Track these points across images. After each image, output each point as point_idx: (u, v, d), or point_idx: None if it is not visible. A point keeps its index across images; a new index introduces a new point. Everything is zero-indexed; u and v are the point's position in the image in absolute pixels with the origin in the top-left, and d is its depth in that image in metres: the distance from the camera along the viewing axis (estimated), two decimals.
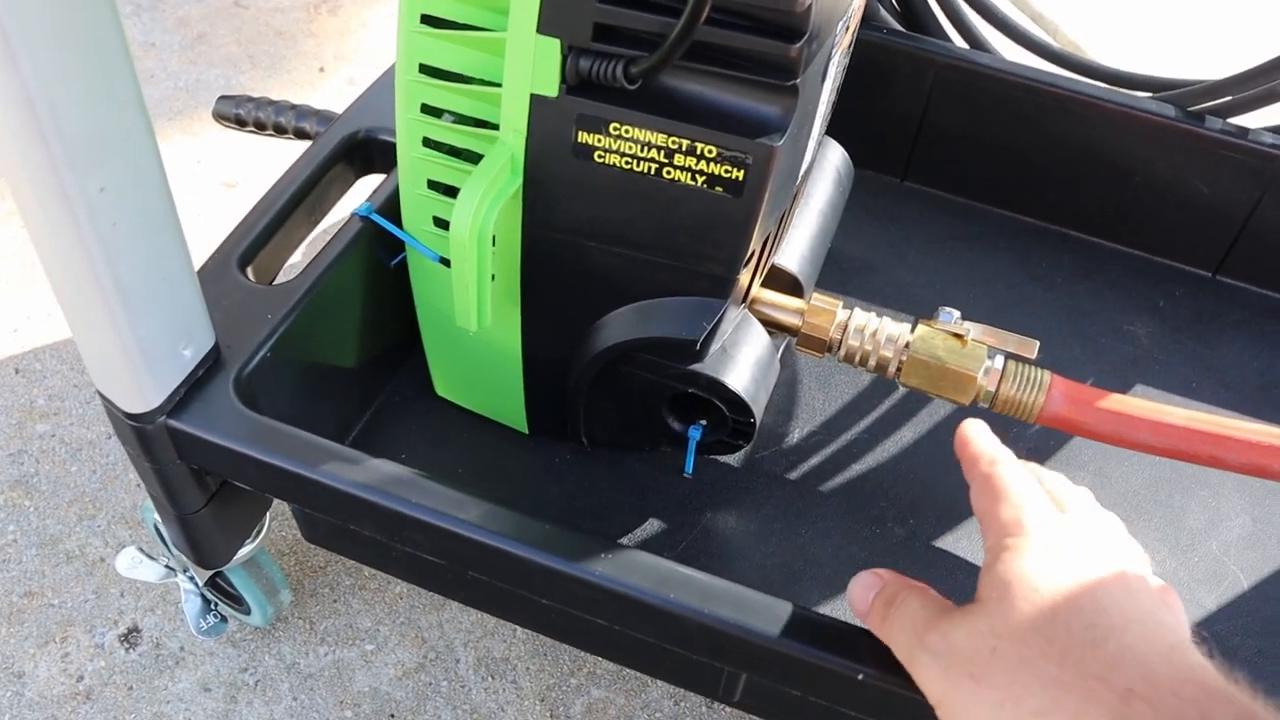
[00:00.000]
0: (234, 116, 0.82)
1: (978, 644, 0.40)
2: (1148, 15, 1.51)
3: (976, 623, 0.41)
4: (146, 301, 0.51)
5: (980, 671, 0.39)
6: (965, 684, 0.40)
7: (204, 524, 0.63)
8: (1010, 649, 0.39)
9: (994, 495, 0.47)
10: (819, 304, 0.68)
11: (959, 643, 0.41)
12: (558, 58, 0.51)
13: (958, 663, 0.40)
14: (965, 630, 0.41)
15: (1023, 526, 0.44)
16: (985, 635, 0.40)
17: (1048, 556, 0.42)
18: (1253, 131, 0.84)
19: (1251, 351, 0.85)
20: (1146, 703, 0.36)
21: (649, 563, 0.52)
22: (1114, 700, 0.36)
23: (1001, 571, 0.42)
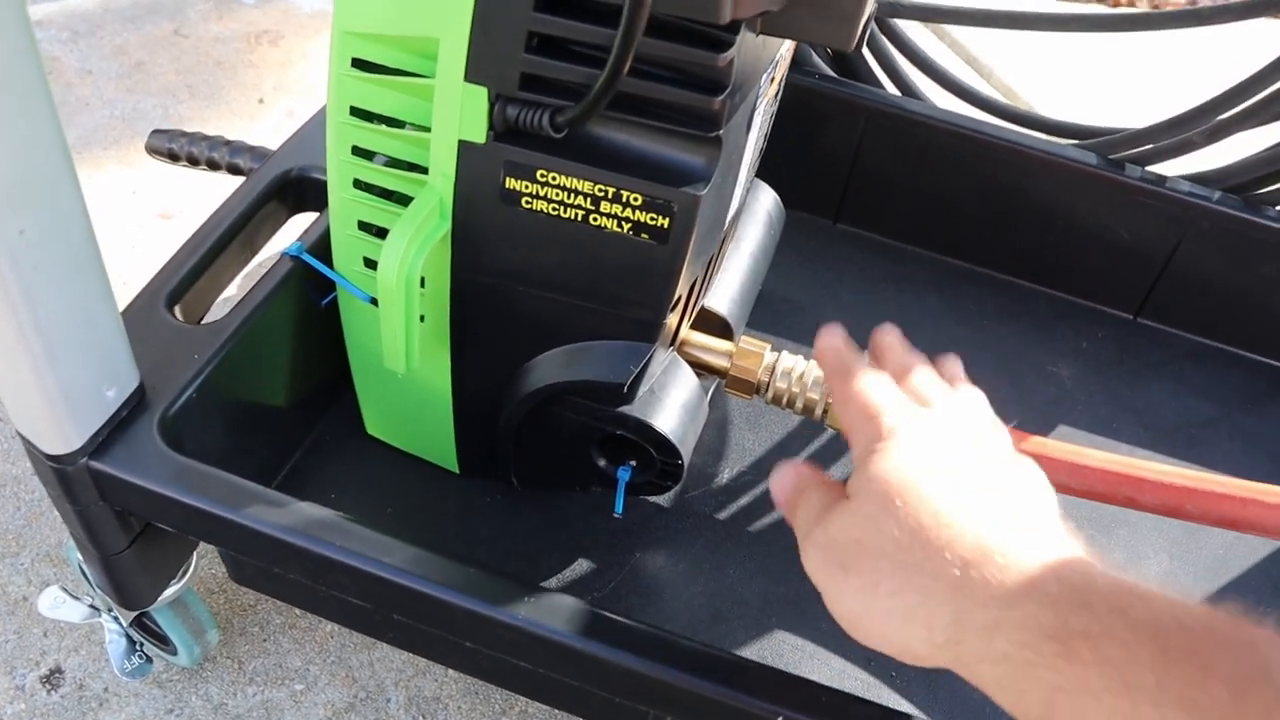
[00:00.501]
0: (167, 151, 0.81)
1: (847, 537, 0.43)
2: (1076, 62, 1.55)
3: (845, 518, 0.44)
4: (68, 343, 0.51)
5: (849, 561, 0.43)
6: (838, 574, 0.43)
7: (128, 565, 0.62)
8: (870, 540, 0.42)
9: (856, 408, 0.49)
10: (747, 347, 0.68)
11: (835, 536, 0.44)
12: (485, 105, 0.52)
13: (832, 554, 0.44)
14: (839, 525, 0.44)
15: (880, 432, 0.46)
16: (850, 528, 0.43)
17: (904, 454, 0.44)
18: (1170, 179, 0.86)
19: (1170, 392, 0.87)
20: (979, 570, 0.39)
21: (571, 606, 0.53)
22: (952, 574, 0.39)
23: (866, 470, 0.44)
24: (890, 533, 0.42)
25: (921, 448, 0.45)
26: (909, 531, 0.41)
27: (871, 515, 0.43)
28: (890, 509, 0.42)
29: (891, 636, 0.42)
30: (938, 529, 0.41)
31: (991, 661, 0.37)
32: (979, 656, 0.38)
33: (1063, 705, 0.35)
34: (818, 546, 0.45)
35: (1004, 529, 0.41)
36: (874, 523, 0.42)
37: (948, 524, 0.41)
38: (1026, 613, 0.37)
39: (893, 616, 0.41)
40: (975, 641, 0.38)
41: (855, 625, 0.43)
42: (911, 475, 0.43)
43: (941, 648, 0.40)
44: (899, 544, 0.41)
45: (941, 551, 0.40)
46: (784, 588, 0.69)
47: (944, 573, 0.40)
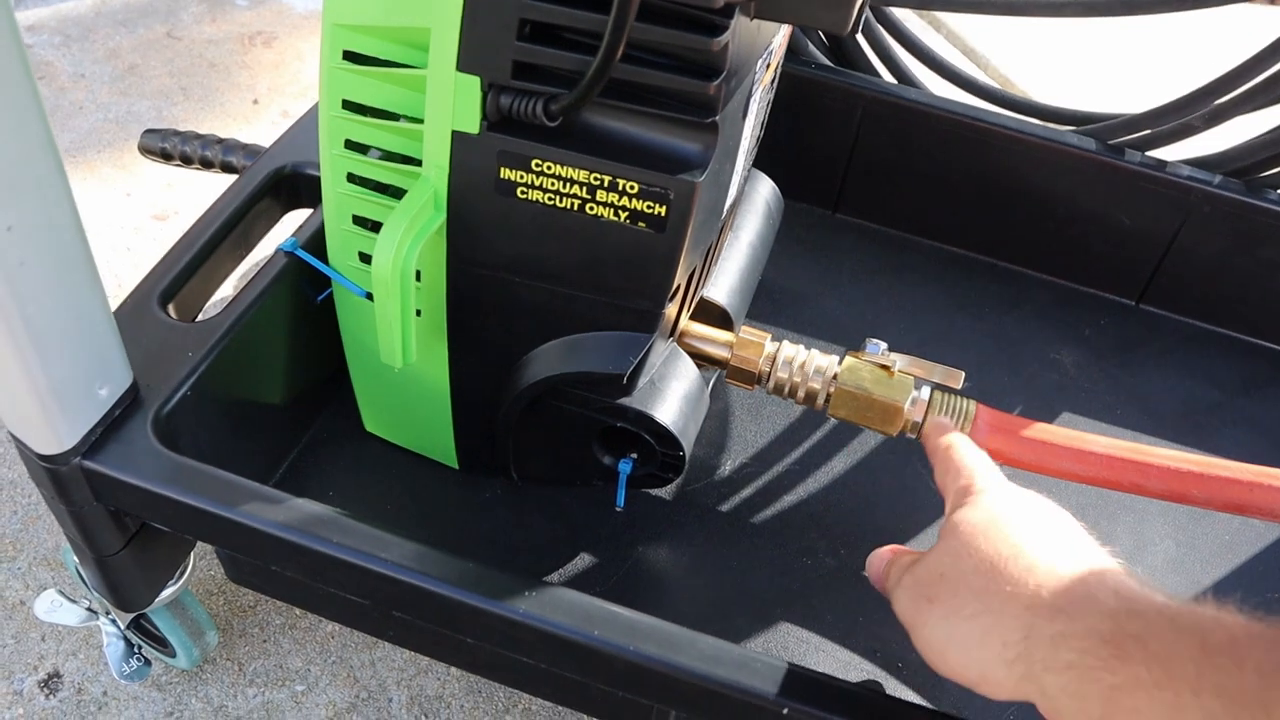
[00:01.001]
0: (160, 150, 0.81)
1: (931, 573, 0.49)
2: (1073, 50, 1.55)
3: (932, 557, 0.50)
4: (59, 341, 0.50)
5: (933, 594, 0.48)
6: (924, 606, 0.48)
7: (123, 566, 0.62)
8: (953, 572, 0.47)
9: (953, 470, 0.56)
10: (747, 337, 0.68)
11: (921, 575, 0.49)
12: (478, 95, 0.51)
13: (920, 591, 0.49)
14: (924, 566, 0.50)
15: (974, 488, 0.52)
16: (936, 566, 0.49)
17: (992, 503, 0.50)
18: (1171, 164, 0.86)
19: (1174, 378, 0.87)
20: (1050, 590, 0.43)
21: (573, 600, 0.52)
22: (1027, 595, 0.44)
23: (954, 519, 0.50)
24: (972, 564, 0.47)
25: (1005, 503, 0.50)
26: (988, 562, 0.46)
27: (956, 551, 0.48)
28: (973, 545, 0.47)
29: (971, 658, 0.45)
30: (1015, 559, 0.46)
31: (1057, 671, 0.41)
32: (1046, 666, 0.42)
33: (1119, 702, 0.38)
34: (905, 588, 0.50)
35: (1072, 561, 0.45)
36: (957, 557, 0.48)
37: (1023, 555, 0.46)
38: (1088, 625, 0.41)
39: (971, 637, 0.45)
40: (1043, 653, 0.42)
41: (939, 653, 0.47)
42: (995, 520, 0.49)
43: (1013, 664, 0.43)
44: (979, 571, 0.46)
45: (1017, 578, 0.45)
46: (788, 579, 0.69)
47: (1018, 595, 0.44)
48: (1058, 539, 0.47)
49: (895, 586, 0.51)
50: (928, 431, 0.63)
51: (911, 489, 0.75)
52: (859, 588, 0.69)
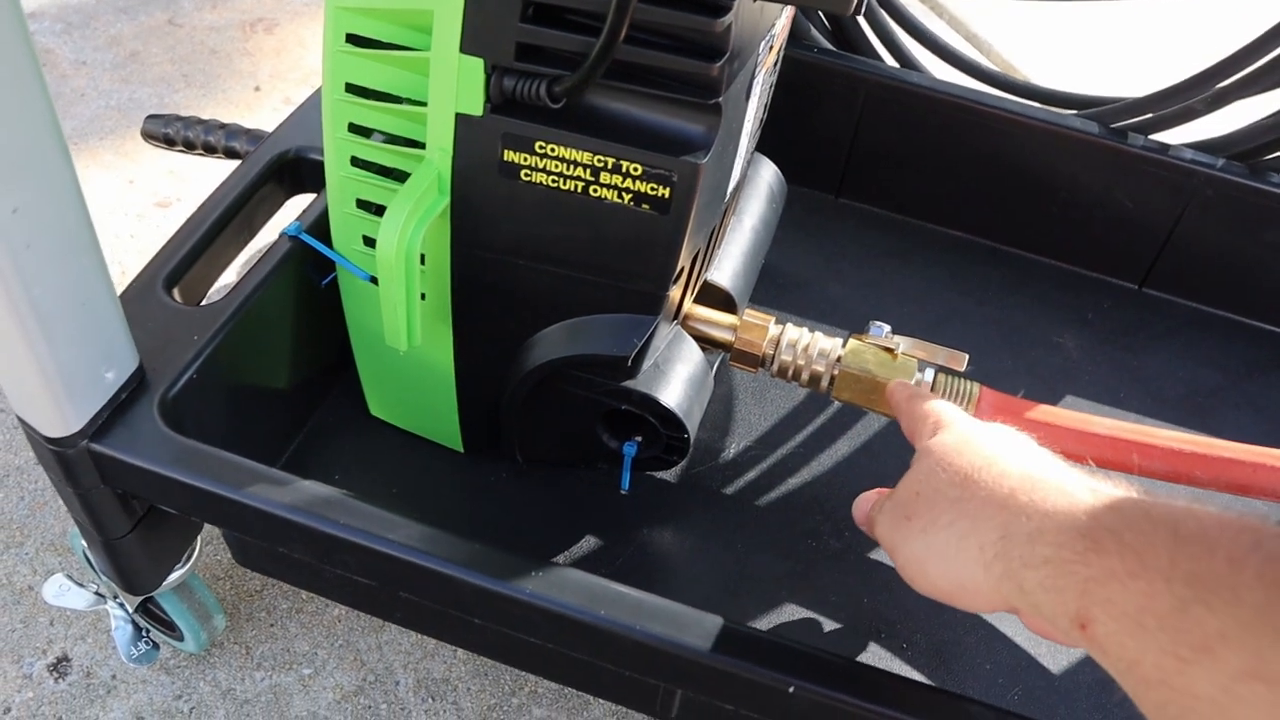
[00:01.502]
0: (162, 135, 0.81)
1: (908, 493, 0.50)
2: (1075, 35, 1.55)
3: (906, 481, 0.51)
4: (65, 324, 0.50)
5: (910, 511, 0.49)
6: (902, 523, 0.49)
7: (131, 549, 0.62)
8: (928, 489, 0.48)
9: (920, 415, 0.56)
10: (751, 319, 0.68)
11: (898, 497, 0.51)
12: (482, 77, 0.51)
13: (897, 512, 0.50)
14: (901, 488, 0.51)
15: (942, 421, 0.54)
16: (913, 484, 0.50)
17: (966, 432, 0.51)
18: (1173, 147, 0.86)
19: (1177, 361, 0.87)
20: (1025, 493, 0.44)
21: (580, 580, 0.52)
22: (1001, 499, 0.44)
23: (926, 444, 0.52)
24: (946, 478, 0.48)
25: (977, 426, 0.52)
26: (962, 474, 0.47)
27: (930, 469, 0.49)
28: (946, 462, 0.49)
29: (950, 566, 0.46)
30: (988, 467, 0.46)
31: (1034, 566, 0.41)
32: (1024, 562, 0.42)
33: (1094, 594, 0.38)
34: (884, 513, 0.51)
35: (1045, 465, 0.46)
36: (931, 474, 0.49)
37: (997, 463, 0.46)
38: (1064, 520, 0.41)
39: (949, 545, 0.46)
40: (1020, 550, 0.42)
41: (918, 568, 0.48)
42: (968, 439, 0.50)
43: (991, 564, 0.43)
44: (953, 483, 0.47)
45: (991, 483, 0.46)
46: (792, 561, 0.69)
47: (993, 498, 0.45)
48: (1030, 452, 0.48)
49: (876, 514, 0.53)
50: (891, 390, 0.63)
51: None
52: (863, 569, 0.70)
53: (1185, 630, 0.35)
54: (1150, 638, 0.36)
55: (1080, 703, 0.65)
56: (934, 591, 0.48)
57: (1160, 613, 0.35)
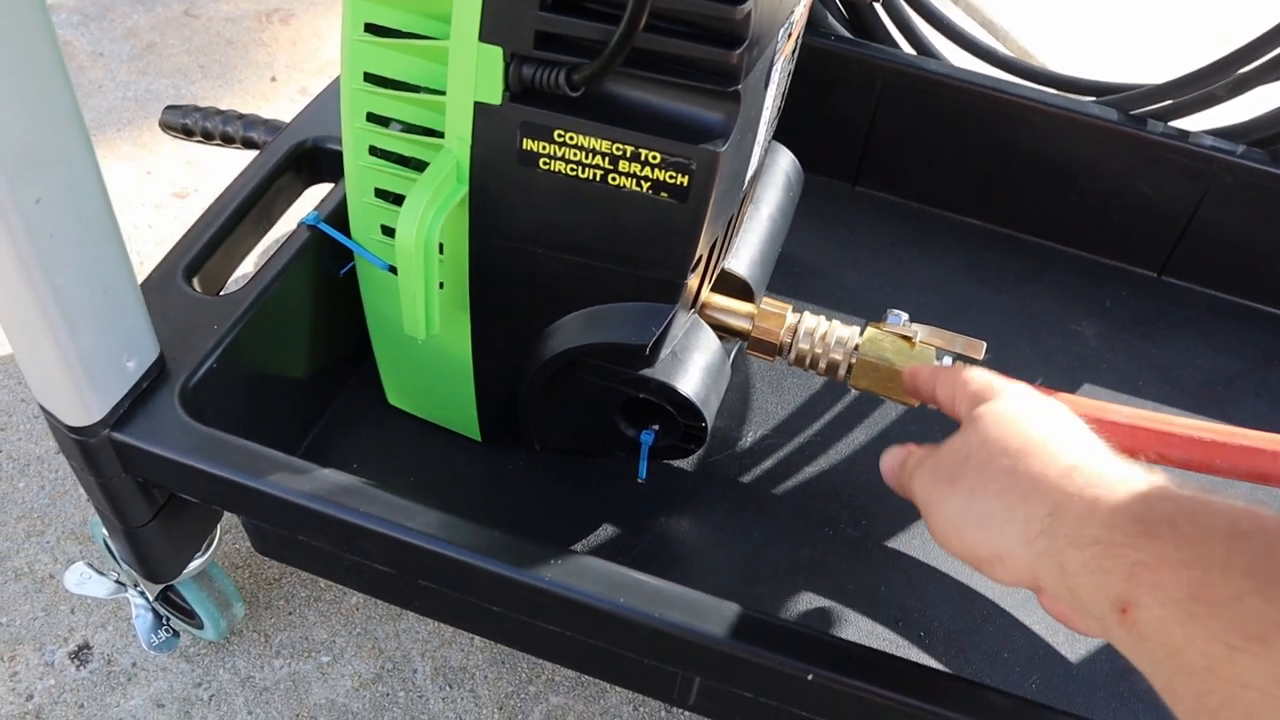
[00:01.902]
0: (181, 126, 0.81)
1: (956, 455, 0.49)
2: (1094, 21, 1.53)
3: (954, 443, 0.50)
4: (87, 313, 0.51)
5: (957, 472, 0.48)
6: (945, 483, 0.49)
7: (152, 537, 0.63)
8: (979, 453, 0.48)
9: (962, 381, 0.55)
10: (769, 308, 0.68)
11: (943, 456, 0.50)
12: (500, 65, 0.51)
13: (941, 471, 0.50)
14: (947, 449, 0.50)
15: (995, 387, 0.53)
16: (961, 448, 0.49)
17: (1020, 400, 0.51)
18: (1193, 134, 0.85)
19: (1196, 349, 0.86)
20: (1081, 472, 0.43)
21: (599, 568, 0.52)
22: (1056, 474, 0.44)
23: (978, 411, 0.50)
24: (1000, 446, 0.47)
25: (1031, 398, 0.51)
26: (1018, 444, 0.46)
27: (983, 435, 0.48)
28: (1001, 430, 0.48)
29: (990, 533, 0.45)
30: (1045, 443, 0.46)
31: (1081, 546, 0.41)
32: (1070, 541, 0.41)
33: (1141, 578, 0.38)
34: (926, 470, 0.51)
35: (1102, 450, 0.46)
36: (984, 441, 0.48)
37: (1053, 441, 0.46)
38: (1118, 504, 0.41)
39: (995, 513, 0.45)
40: (1069, 528, 0.42)
41: (955, 529, 0.48)
42: (1023, 412, 0.49)
43: (1034, 540, 0.43)
44: (1007, 452, 0.46)
45: (1047, 459, 0.45)
46: (809, 550, 0.69)
47: (1047, 473, 0.44)
48: (1087, 436, 0.48)
49: (915, 469, 0.52)
50: (916, 369, 0.62)
51: None
52: (880, 558, 0.70)
53: (1240, 619, 0.34)
54: (1199, 624, 0.35)
55: (1098, 691, 0.65)
56: (965, 555, 0.48)
57: (1213, 601, 0.35)
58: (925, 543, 0.70)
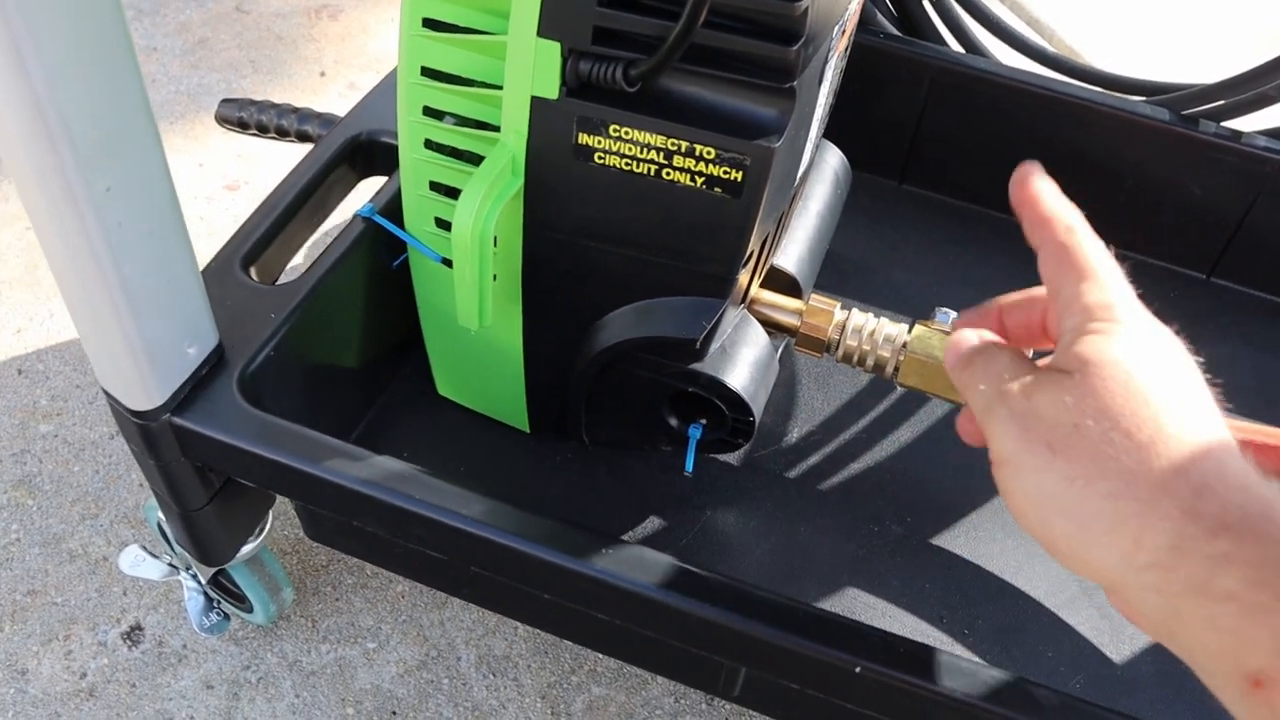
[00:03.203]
0: (237, 119, 0.82)
1: (1061, 415, 0.39)
2: (1143, 19, 1.52)
3: (1063, 393, 0.39)
4: (151, 300, 0.52)
5: (1059, 443, 0.38)
6: (1041, 450, 0.39)
7: (207, 521, 0.64)
8: (1094, 428, 0.38)
9: (1077, 270, 0.43)
10: (817, 304, 0.68)
11: (1042, 408, 0.39)
12: (558, 60, 0.52)
13: (1038, 428, 0.39)
14: (1050, 397, 0.39)
15: (1113, 312, 0.41)
16: (1070, 409, 0.38)
17: (1143, 347, 0.40)
18: (1246, 135, 0.84)
19: (1245, 351, 0.86)
20: (1217, 497, 0.35)
21: (650, 559, 0.53)
22: (1187, 492, 0.35)
23: (1093, 350, 0.39)
24: (1123, 427, 0.37)
25: (1160, 350, 0.40)
26: (1146, 433, 0.37)
27: (1099, 398, 0.38)
28: (1126, 403, 0.38)
29: (1085, 540, 0.37)
30: (1179, 439, 0.37)
31: (1211, 599, 0.34)
32: (1193, 588, 0.35)
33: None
34: (1018, 416, 0.40)
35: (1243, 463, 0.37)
36: (1102, 409, 0.38)
37: (1188, 437, 0.37)
38: (1267, 553, 0.34)
39: (1099, 519, 0.37)
40: (1194, 571, 0.35)
41: (1039, 512, 0.39)
42: (1150, 371, 0.38)
43: (1142, 570, 0.36)
44: (1131, 442, 0.37)
45: (1180, 467, 0.36)
46: (855, 545, 0.69)
47: (1176, 489, 0.36)
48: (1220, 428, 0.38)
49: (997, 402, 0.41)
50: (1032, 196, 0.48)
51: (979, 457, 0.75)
52: (925, 555, 0.70)
53: None
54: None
55: (1144, 694, 0.65)
56: (1044, 540, 0.39)
57: None
58: (970, 541, 0.70)
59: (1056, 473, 0.38)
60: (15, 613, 0.80)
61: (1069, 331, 0.41)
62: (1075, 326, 0.41)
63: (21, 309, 1.00)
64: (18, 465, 0.88)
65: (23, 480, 0.87)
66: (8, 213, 1.08)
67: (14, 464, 0.88)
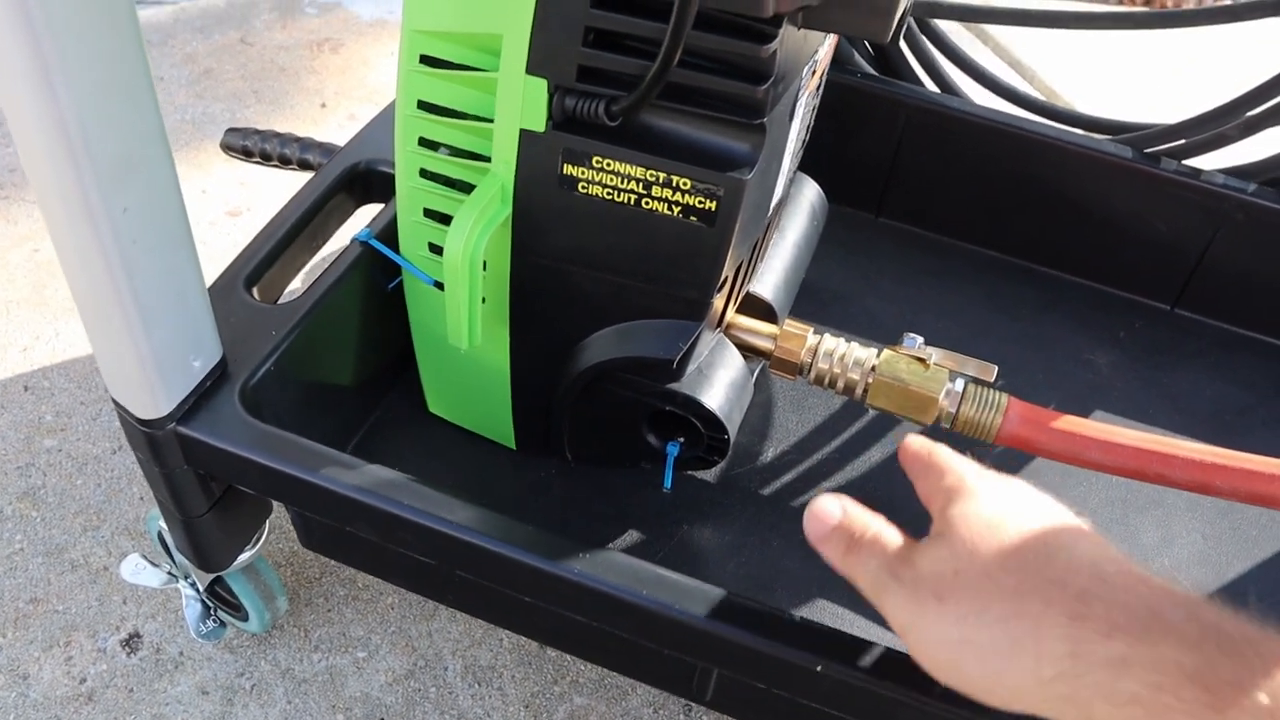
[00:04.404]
0: (241, 148, 0.86)
1: (941, 568, 0.42)
2: (1117, 62, 1.57)
3: (938, 551, 0.43)
4: (161, 314, 0.55)
5: (945, 591, 0.41)
6: (931, 604, 0.42)
7: (208, 528, 0.67)
8: (971, 568, 0.41)
9: (938, 472, 0.49)
10: (791, 329, 0.72)
11: (925, 569, 0.43)
12: (545, 96, 0.55)
13: (925, 587, 0.42)
14: (930, 557, 0.43)
15: (964, 484, 0.46)
16: (948, 560, 0.42)
17: (995, 497, 0.45)
18: (1205, 173, 0.88)
19: (1206, 380, 0.89)
20: (1101, 601, 0.37)
21: (626, 563, 0.56)
22: (1070, 600, 0.38)
23: (956, 510, 0.44)
24: (995, 559, 0.40)
25: (1006, 493, 0.45)
26: (1016, 558, 0.40)
27: (970, 545, 0.42)
28: (991, 538, 0.41)
29: (993, 668, 0.39)
30: (1050, 555, 0.40)
31: (1116, 703, 0.35)
32: (1102, 695, 0.36)
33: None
34: (906, 584, 0.43)
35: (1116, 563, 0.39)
36: (973, 552, 0.41)
37: (1058, 551, 0.40)
38: (1162, 653, 0.35)
39: (998, 645, 0.39)
40: (1097, 677, 0.36)
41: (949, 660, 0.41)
42: (1006, 511, 0.43)
43: (1051, 683, 0.37)
44: (1006, 569, 0.40)
45: (1057, 578, 0.39)
46: (825, 561, 0.72)
47: (1059, 600, 0.38)
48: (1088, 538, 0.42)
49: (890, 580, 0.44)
50: (905, 444, 0.54)
51: None
52: None
53: None
54: None
55: None
56: (966, 688, 0.41)
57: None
58: None
59: (950, 616, 0.41)
60: (18, 620, 0.82)
61: (937, 511, 0.47)
62: (941, 505, 0.47)
63: (29, 327, 1.03)
64: (22, 478, 0.91)
65: (27, 492, 0.90)
66: (16, 234, 1.11)
67: (19, 477, 0.91)
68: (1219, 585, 0.76)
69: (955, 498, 0.46)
